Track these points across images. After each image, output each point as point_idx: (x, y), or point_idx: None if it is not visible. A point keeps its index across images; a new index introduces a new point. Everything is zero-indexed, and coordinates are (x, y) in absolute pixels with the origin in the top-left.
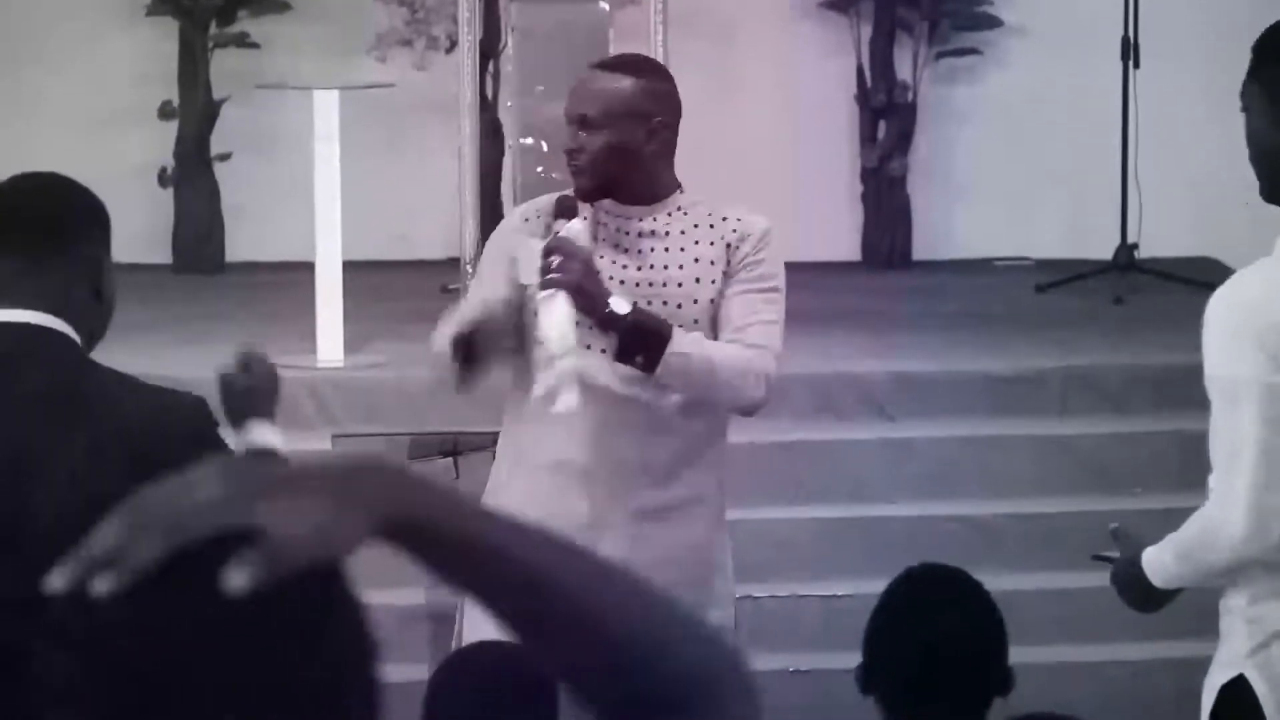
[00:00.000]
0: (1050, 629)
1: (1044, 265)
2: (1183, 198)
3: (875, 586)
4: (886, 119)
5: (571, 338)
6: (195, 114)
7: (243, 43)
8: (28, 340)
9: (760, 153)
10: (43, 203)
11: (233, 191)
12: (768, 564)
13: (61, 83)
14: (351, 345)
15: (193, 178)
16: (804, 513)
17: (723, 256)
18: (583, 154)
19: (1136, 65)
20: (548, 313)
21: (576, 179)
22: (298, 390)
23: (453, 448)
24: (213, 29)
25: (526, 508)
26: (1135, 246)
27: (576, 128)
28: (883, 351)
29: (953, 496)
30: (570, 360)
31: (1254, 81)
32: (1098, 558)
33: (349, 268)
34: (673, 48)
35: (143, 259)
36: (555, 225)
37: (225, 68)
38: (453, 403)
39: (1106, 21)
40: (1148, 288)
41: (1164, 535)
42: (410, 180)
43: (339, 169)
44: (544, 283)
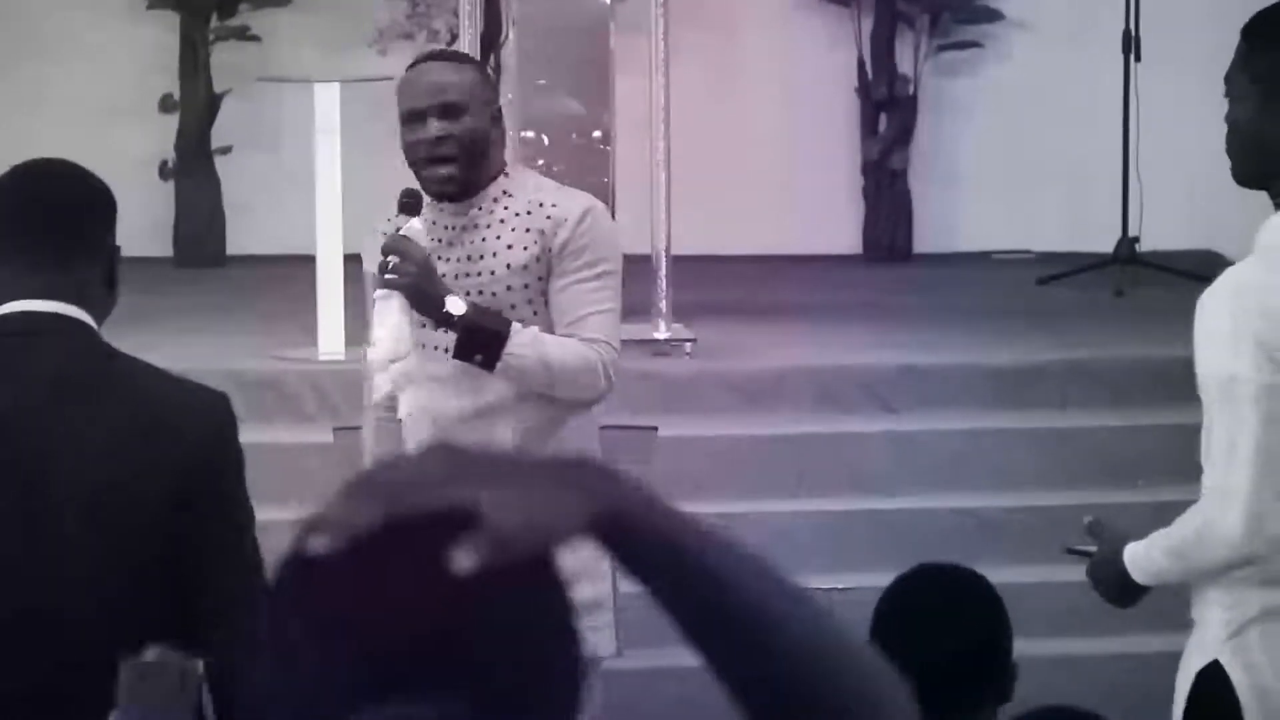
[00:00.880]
0: (1053, 622)
1: (1045, 258)
2: (1183, 191)
3: (878, 579)
4: (887, 112)
5: (406, 342)
6: (196, 107)
7: (243, 36)
8: (52, 327)
9: (761, 145)
10: (60, 193)
11: (234, 185)
12: (771, 557)
13: (63, 75)
14: (353, 338)
15: (193, 171)
16: (806, 505)
17: (538, 244)
18: (450, 141)
19: (1138, 58)
20: (383, 315)
21: (444, 170)
22: (299, 383)
23: None
24: (213, 22)
25: None
26: (1136, 240)
27: (436, 118)
28: (884, 344)
29: (955, 489)
30: (404, 364)
31: (1241, 69)
32: (1072, 551)
33: (350, 261)
34: (673, 40)
35: (144, 252)
36: (396, 222)
37: (226, 61)
38: None
39: (1108, 15)
40: (1149, 281)
41: (1167, 526)
42: (410, 175)
43: (340, 162)
44: (381, 282)
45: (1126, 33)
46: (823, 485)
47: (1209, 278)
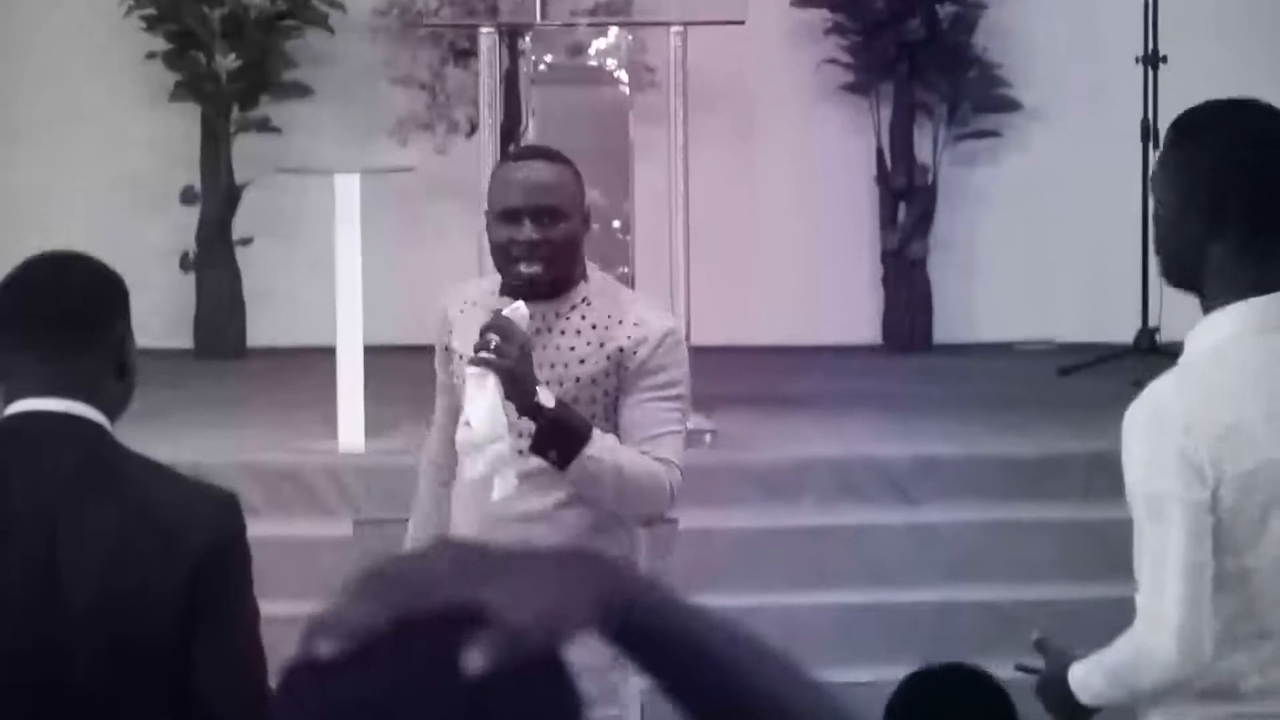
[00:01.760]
0: None
1: (1065, 348)
2: None
3: (897, 673)
4: (907, 201)
5: (502, 422)
6: (217, 198)
7: (264, 127)
8: (62, 427)
9: (780, 234)
10: (70, 288)
11: (254, 275)
12: (789, 649)
13: (85, 166)
14: (373, 430)
15: (214, 261)
16: (825, 597)
17: (613, 359)
18: (544, 247)
19: (1156, 147)
20: (478, 393)
21: (531, 270)
22: (319, 476)
23: None
24: (235, 113)
25: None
26: (1156, 330)
27: (531, 220)
28: (905, 435)
29: (976, 581)
30: (501, 445)
31: (1172, 168)
32: (1021, 668)
33: (370, 351)
34: (693, 129)
35: (164, 343)
36: (500, 301)
37: (247, 152)
38: None
39: (1126, 104)
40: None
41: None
42: (431, 263)
43: (360, 252)
44: (476, 360)
45: (1144, 122)
46: (842, 577)
47: None
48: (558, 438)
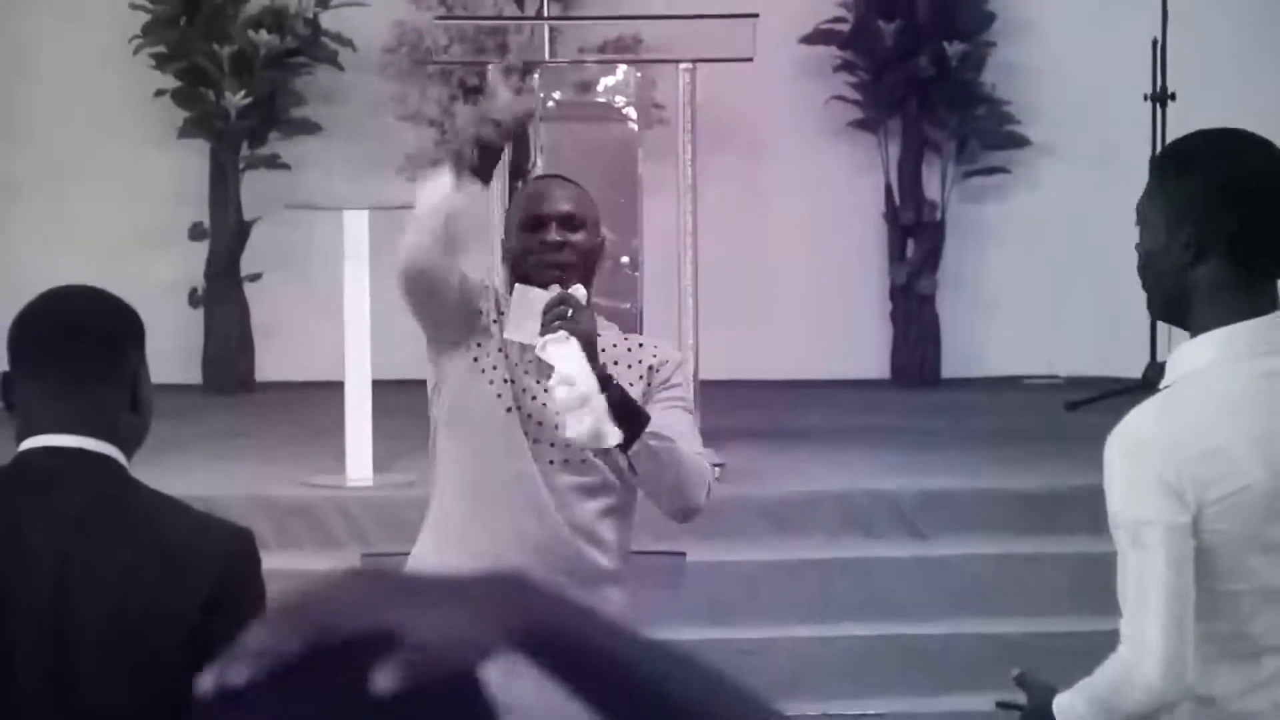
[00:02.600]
0: None
1: (1073, 383)
2: None
3: (907, 705)
4: (915, 237)
5: (591, 378)
6: (226, 234)
7: (273, 164)
8: (76, 463)
9: (789, 270)
10: (83, 321)
11: (263, 311)
12: (798, 682)
13: (94, 202)
14: (381, 464)
15: (223, 297)
16: (834, 630)
17: (644, 379)
18: (569, 249)
19: None
20: (565, 355)
21: (557, 272)
22: (328, 510)
23: None
24: (244, 150)
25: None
26: (1164, 364)
27: (557, 224)
28: (914, 469)
29: (985, 614)
30: (600, 398)
31: (1159, 198)
32: (1003, 705)
33: (379, 386)
34: (701, 165)
35: (173, 379)
36: (577, 290)
37: (256, 188)
38: None
39: (1134, 140)
40: None
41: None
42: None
43: (368, 288)
44: (558, 325)
45: (1153, 159)
46: (850, 610)
47: None
48: (624, 413)
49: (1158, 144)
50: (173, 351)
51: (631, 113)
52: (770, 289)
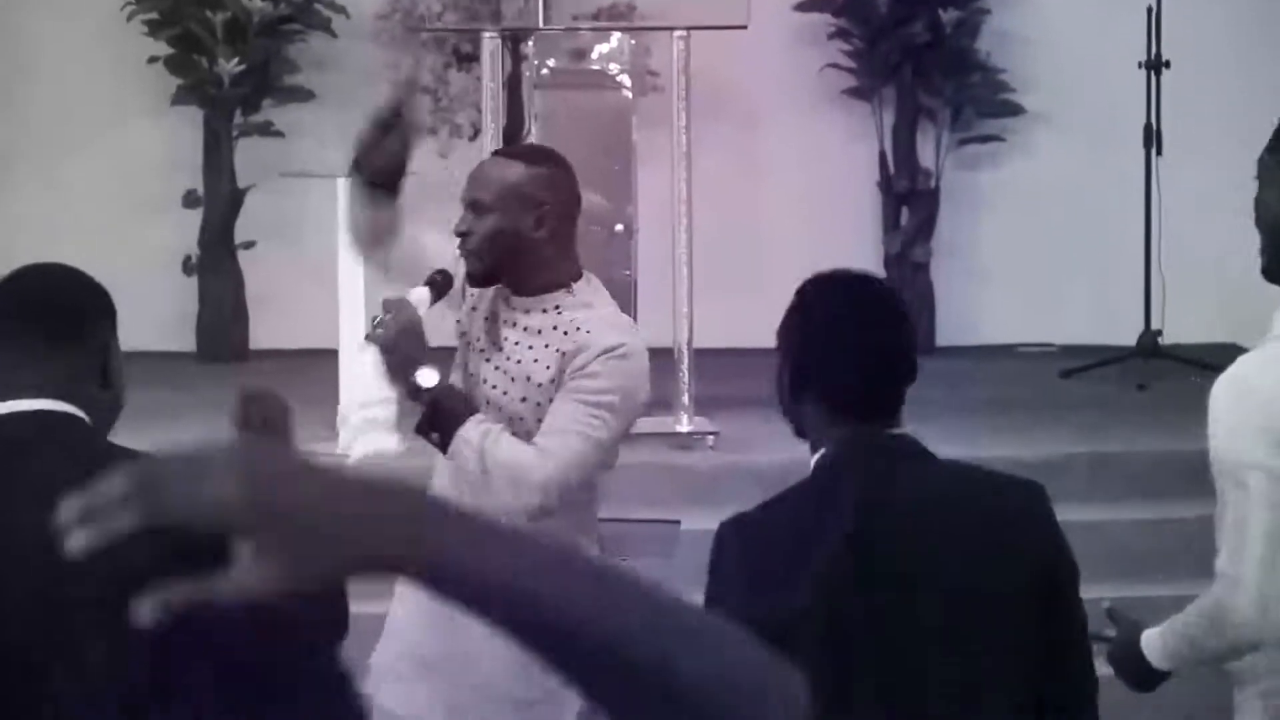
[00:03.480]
0: None
1: (1068, 351)
2: (1206, 284)
3: None
4: (910, 205)
5: (377, 390)
6: (220, 202)
7: (267, 131)
8: (46, 426)
9: (783, 239)
10: (48, 294)
11: (257, 279)
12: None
13: (88, 171)
14: None
15: (217, 265)
16: None
17: (557, 365)
18: (470, 238)
19: (1159, 152)
20: (363, 365)
21: (467, 262)
22: None
23: None
24: (237, 118)
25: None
26: (1159, 333)
27: (465, 210)
28: None
29: None
30: (370, 411)
31: (1272, 154)
32: (1095, 637)
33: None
34: (696, 134)
35: (167, 347)
36: (414, 292)
37: (249, 156)
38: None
39: (1129, 108)
40: (1171, 374)
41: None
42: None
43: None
44: (367, 336)
45: (1148, 126)
46: None
47: None
48: (439, 420)
49: (1152, 112)
50: (167, 319)
51: (626, 80)
52: (764, 257)
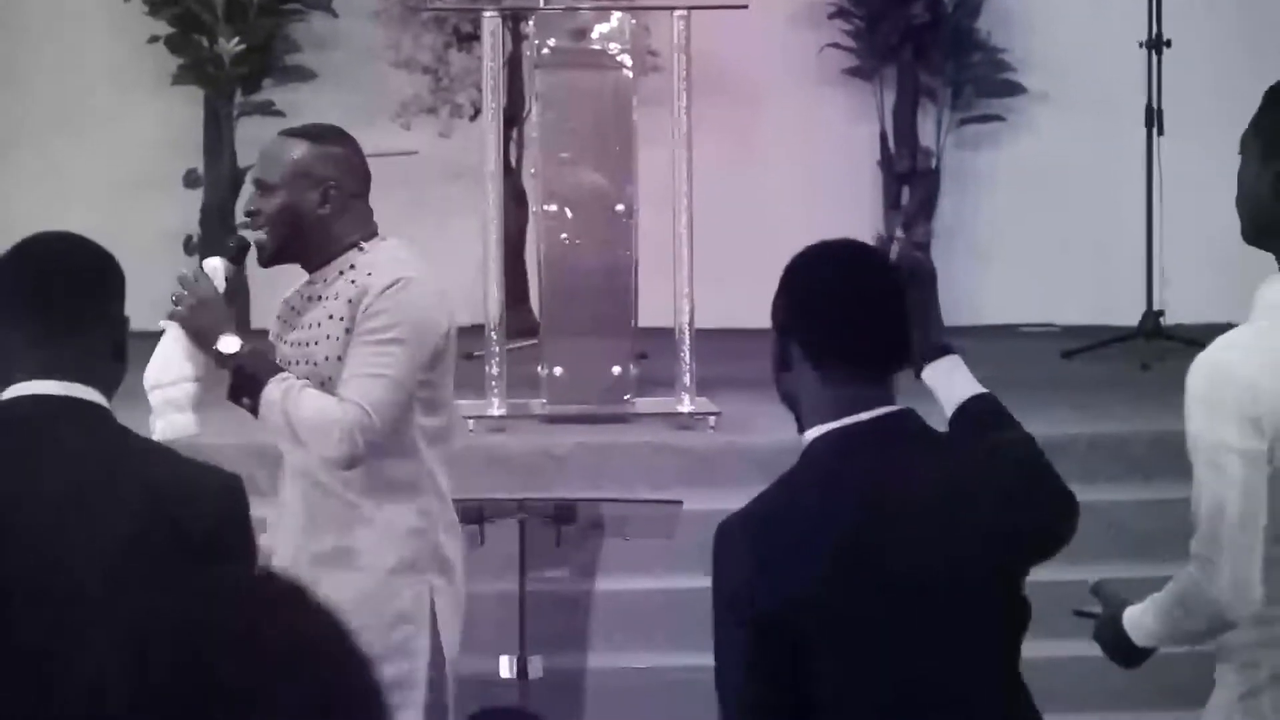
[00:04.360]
0: (1078, 697)
1: (1070, 331)
2: (1208, 264)
3: None
4: (910, 185)
5: (173, 370)
6: (221, 182)
7: (268, 111)
8: (65, 410)
9: (783, 218)
10: (64, 265)
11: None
12: None
13: (88, 150)
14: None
15: (218, 245)
16: None
17: (347, 313)
18: (260, 216)
19: (1160, 132)
20: (162, 343)
21: (257, 243)
22: None
23: (478, 514)
24: (238, 97)
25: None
26: (1161, 313)
27: (256, 191)
28: None
29: None
30: (165, 391)
31: (1252, 129)
32: (1080, 613)
33: None
34: (696, 113)
35: None
36: (208, 263)
37: (250, 135)
38: (477, 470)
39: (1130, 88)
40: (1174, 354)
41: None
42: (433, 247)
43: None
44: (168, 315)
45: (1149, 106)
46: None
47: None
48: (244, 385)
49: (1153, 91)
50: (167, 299)
51: (626, 60)
52: (764, 236)
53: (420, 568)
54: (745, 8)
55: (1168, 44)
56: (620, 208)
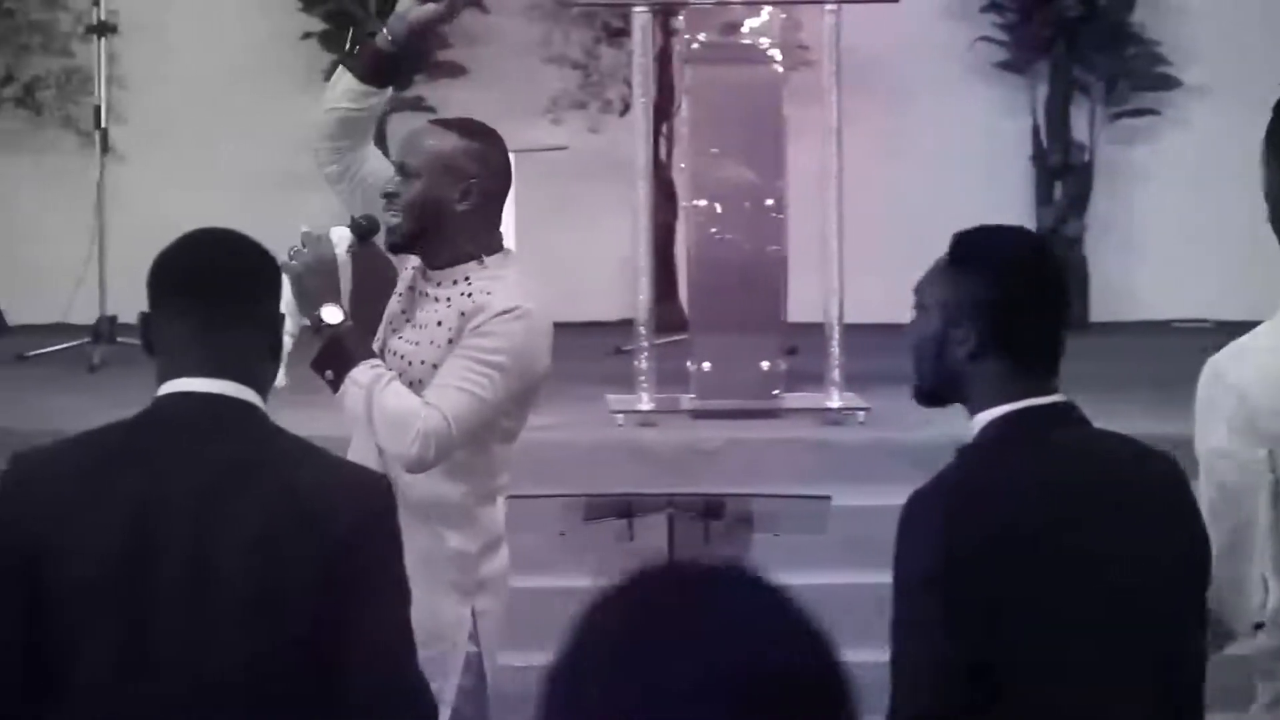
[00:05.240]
0: None
1: (1223, 327)
2: None
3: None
4: (1063, 180)
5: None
6: None
7: (419, 106)
8: (218, 409)
9: (934, 213)
10: (226, 261)
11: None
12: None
13: (241, 144)
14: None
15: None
16: None
17: (457, 324)
18: (396, 200)
19: None
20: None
21: (390, 226)
22: None
23: (627, 509)
24: (390, 93)
25: None
26: None
27: (398, 174)
28: None
29: None
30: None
31: (1267, 141)
32: None
33: None
34: (846, 108)
35: None
36: (335, 230)
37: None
38: (625, 465)
39: None
40: None
41: None
42: (583, 242)
43: (513, 231)
44: (282, 264)
45: None
46: None
47: None
48: (334, 359)
49: None
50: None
51: (776, 54)
52: (915, 232)
53: (466, 589)
54: (896, 1)
55: None
56: (770, 202)
